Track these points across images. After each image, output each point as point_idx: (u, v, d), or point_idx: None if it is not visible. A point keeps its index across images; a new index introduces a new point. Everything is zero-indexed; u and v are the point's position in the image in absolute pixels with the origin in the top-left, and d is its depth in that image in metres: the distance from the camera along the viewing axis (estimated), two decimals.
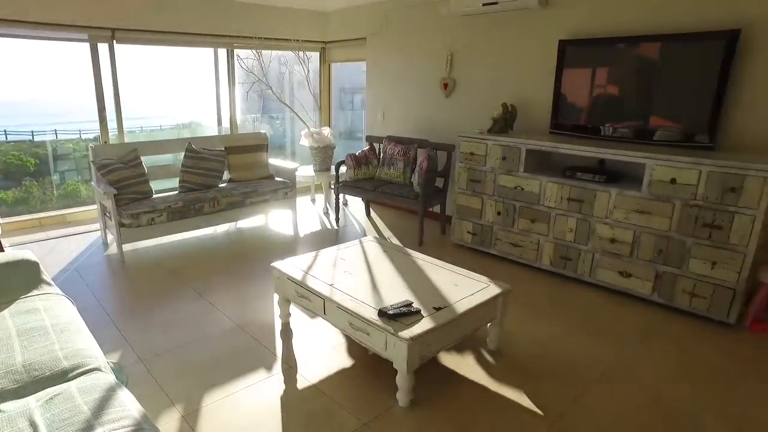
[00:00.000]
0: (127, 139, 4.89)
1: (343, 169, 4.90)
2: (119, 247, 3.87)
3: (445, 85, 4.70)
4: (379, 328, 2.17)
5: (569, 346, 2.75)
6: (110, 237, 4.32)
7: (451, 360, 2.60)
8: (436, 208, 4.98)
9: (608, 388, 2.37)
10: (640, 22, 3.49)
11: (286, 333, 2.84)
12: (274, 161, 4.95)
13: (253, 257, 4.03)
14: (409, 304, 2.30)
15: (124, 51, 4.75)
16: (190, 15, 4.91)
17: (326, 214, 5.34)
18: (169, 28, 4.81)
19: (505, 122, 4.03)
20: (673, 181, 3.02)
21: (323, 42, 6.06)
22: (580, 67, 3.73)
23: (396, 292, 2.48)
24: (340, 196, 5.73)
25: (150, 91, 6.45)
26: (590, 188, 3.40)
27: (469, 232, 4.21)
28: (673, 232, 3.09)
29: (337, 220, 4.96)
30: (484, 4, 3.99)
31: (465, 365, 2.55)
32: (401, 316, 2.23)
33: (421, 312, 2.28)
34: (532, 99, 4.18)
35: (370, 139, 5.11)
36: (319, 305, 2.52)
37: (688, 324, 3.06)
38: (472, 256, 4.13)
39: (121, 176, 3.91)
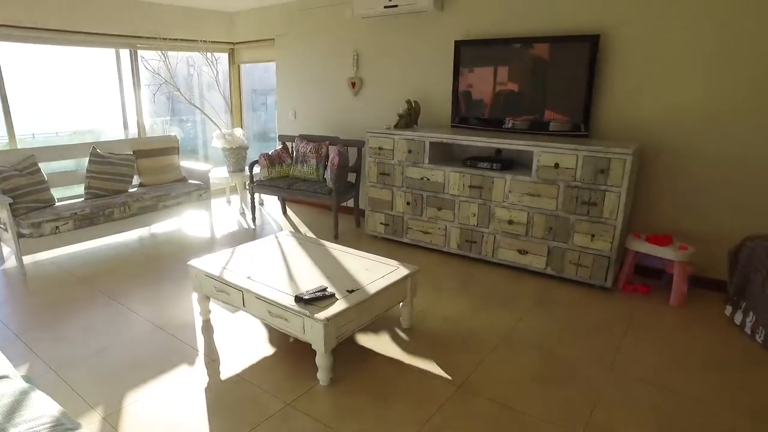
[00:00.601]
0: (19, 147, 4.61)
1: (257, 168, 4.94)
2: (18, 259, 3.68)
3: (353, 84, 4.89)
4: (296, 312, 2.31)
5: (474, 320, 3.03)
6: (7, 250, 4.07)
7: (367, 339, 2.79)
8: (350, 203, 5.17)
9: (509, 350, 2.67)
10: (524, 24, 3.87)
11: (207, 329, 2.89)
12: (187, 164, 4.89)
13: (169, 260, 3.99)
14: (324, 289, 2.46)
15: (10, 50, 4.47)
16: (86, 13, 4.71)
17: (242, 214, 5.35)
18: (61, 26, 4.59)
19: (410, 118, 4.29)
20: (556, 165, 3.41)
21: (231, 43, 6.03)
22: (474, 65, 4.06)
23: (311, 280, 2.62)
24: (256, 195, 5.76)
25: (45, 95, 6.07)
26: (488, 175, 3.74)
27: (382, 223, 4.43)
28: (559, 211, 3.49)
29: (254, 219, 5.00)
30: (385, 7, 4.22)
31: (380, 343, 2.75)
32: (317, 300, 2.38)
33: (335, 295, 2.44)
34: (434, 95, 4.47)
35: (283, 138, 5.19)
36: (238, 298, 2.61)
37: (575, 290, 3.47)
38: (386, 245, 4.35)
39: (17, 184, 3.72)
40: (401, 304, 2.88)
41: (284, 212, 5.38)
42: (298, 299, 2.37)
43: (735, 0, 3.09)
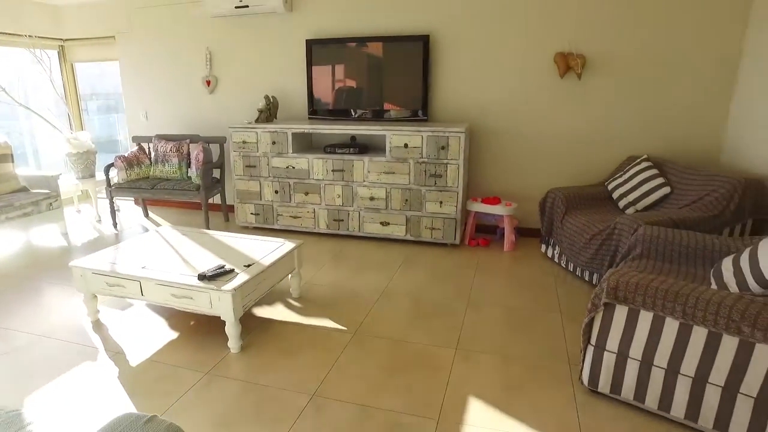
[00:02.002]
0: None
1: (113, 172, 4.76)
2: None
3: (208, 83, 4.99)
4: (202, 289, 2.52)
5: (354, 283, 3.49)
6: None
7: (265, 311, 3.07)
8: (217, 199, 5.26)
9: (388, 300, 3.18)
10: (368, 25, 4.41)
11: (100, 327, 2.90)
12: (27, 171, 4.51)
13: (31, 273, 3.73)
14: (223, 267, 2.69)
15: None
16: None
17: (99, 221, 5.08)
18: None
19: (269, 112, 4.57)
20: (405, 145, 4.02)
21: (61, 39, 5.60)
22: (325, 62, 4.49)
23: (206, 262, 2.83)
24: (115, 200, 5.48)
25: None
26: (348, 159, 4.21)
27: (252, 213, 4.65)
28: (412, 185, 4.11)
29: (115, 224, 4.82)
30: (236, 7, 4.42)
31: (277, 312, 3.05)
32: (219, 276, 2.61)
33: (235, 270, 2.70)
34: (290, 90, 4.81)
35: (138, 140, 5.06)
36: (135, 288, 2.70)
37: (432, 250, 4.14)
38: (259, 234, 4.59)
39: None
40: (290, 276, 3.21)
41: (146, 215, 5.24)
42: (202, 277, 2.57)
43: (528, 14, 3.98)
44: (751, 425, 1.80)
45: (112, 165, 4.73)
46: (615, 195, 3.72)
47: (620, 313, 2.01)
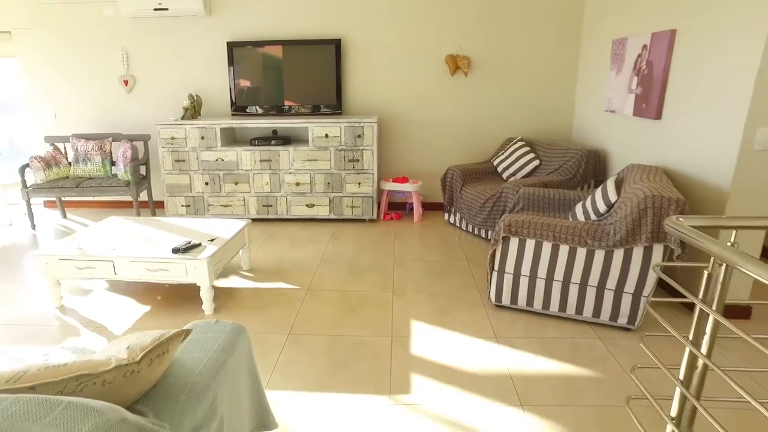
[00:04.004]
0: None
1: (30, 173, 4.74)
2: None
3: (126, 82, 5.13)
4: (178, 260, 2.93)
5: (294, 255, 4.03)
6: None
7: (225, 282, 3.51)
8: (143, 196, 5.42)
9: (327, 265, 3.78)
10: (286, 29, 4.90)
11: (69, 311, 3.14)
12: None
13: None
14: (190, 242, 3.11)
15: None
16: None
17: (10, 225, 5.00)
18: None
19: (194, 109, 4.89)
20: (326, 135, 4.61)
21: None
22: (246, 62, 4.91)
23: (172, 240, 3.21)
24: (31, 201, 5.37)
25: None
26: (274, 150, 4.70)
27: (183, 205, 4.94)
28: (333, 170, 4.71)
29: (33, 226, 4.81)
30: (155, 9, 4.67)
31: (236, 282, 3.51)
32: (190, 249, 3.03)
33: (202, 244, 3.13)
34: (214, 89, 5.14)
35: (51, 140, 5.05)
36: (108, 268, 3.01)
37: (354, 225, 4.79)
38: None
39: None
40: (240, 252, 3.67)
41: (64, 216, 5.24)
42: (176, 250, 2.98)
43: (424, 22, 4.77)
44: (596, 307, 2.71)
45: (27, 166, 4.72)
46: (499, 168, 4.65)
47: (513, 243, 2.83)
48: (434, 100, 4.99)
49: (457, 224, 4.67)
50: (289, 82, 4.92)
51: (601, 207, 2.88)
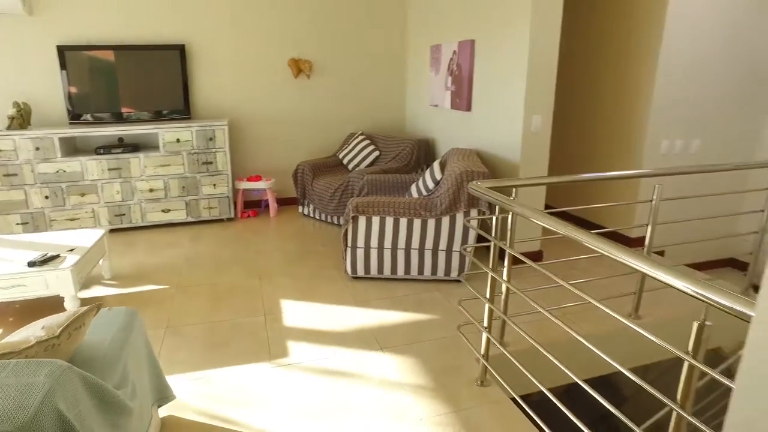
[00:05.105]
0: None
1: None
2: None
3: None
4: (37, 273, 2.90)
5: (156, 259, 4.10)
6: None
7: (87, 294, 3.48)
8: None
9: (191, 265, 3.94)
10: (124, 33, 4.81)
11: None
12: None
13: None
14: (47, 254, 3.08)
15: None
16: None
17: None
18: None
19: (22, 119, 4.58)
20: (178, 140, 4.69)
21: None
22: (83, 68, 4.72)
23: (24, 255, 3.13)
24: None
25: None
26: (124, 158, 4.64)
27: (18, 224, 4.61)
28: (187, 173, 4.80)
29: None
30: None
31: (100, 291, 3.51)
32: (49, 260, 3.01)
33: (61, 255, 3.11)
34: (44, 96, 4.83)
35: None
36: None
37: (213, 226, 4.94)
38: None
39: None
40: (101, 261, 3.66)
41: None
42: (32, 264, 2.94)
43: (267, 27, 5.06)
44: (433, 266, 3.36)
45: None
46: (345, 161, 5.18)
47: (362, 221, 3.34)
48: (281, 102, 5.34)
49: (311, 215, 5.10)
50: (130, 87, 4.86)
51: (430, 184, 3.53)
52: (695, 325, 1.26)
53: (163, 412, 2.20)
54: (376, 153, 5.03)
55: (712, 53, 4.06)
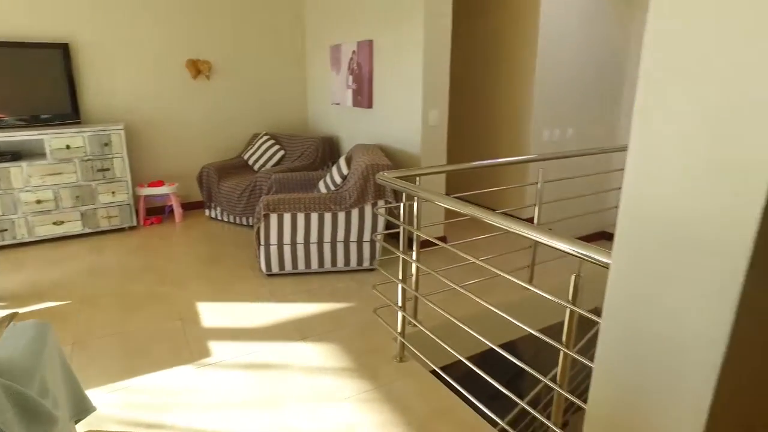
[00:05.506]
0: None
1: None
2: None
3: None
4: None
5: (54, 275, 3.85)
6: None
7: None
8: None
9: (96, 275, 3.76)
10: None
11: None
12: None
13: None
14: None
15: None
16: None
17: None
18: None
19: None
20: (68, 146, 4.41)
21: None
22: None
23: None
24: None
25: None
26: (2, 168, 4.27)
27: None
28: (80, 181, 4.53)
29: None
30: None
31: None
32: None
33: None
34: None
35: None
36: None
37: (115, 236, 4.71)
38: None
39: None
40: None
41: None
42: None
43: (161, 27, 4.88)
44: (345, 257, 3.52)
45: None
46: (250, 162, 5.17)
47: (273, 219, 3.41)
48: (181, 104, 5.19)
49: (219, 218, 5.03)
50: (9, 89, 4.47)
51: (338, 179, 3.68)
52: (573, 277, 1.53)
53: (83, 426, 2.15)
54: (282, 152, 5.08)
55: (577, 52, 4.61)
